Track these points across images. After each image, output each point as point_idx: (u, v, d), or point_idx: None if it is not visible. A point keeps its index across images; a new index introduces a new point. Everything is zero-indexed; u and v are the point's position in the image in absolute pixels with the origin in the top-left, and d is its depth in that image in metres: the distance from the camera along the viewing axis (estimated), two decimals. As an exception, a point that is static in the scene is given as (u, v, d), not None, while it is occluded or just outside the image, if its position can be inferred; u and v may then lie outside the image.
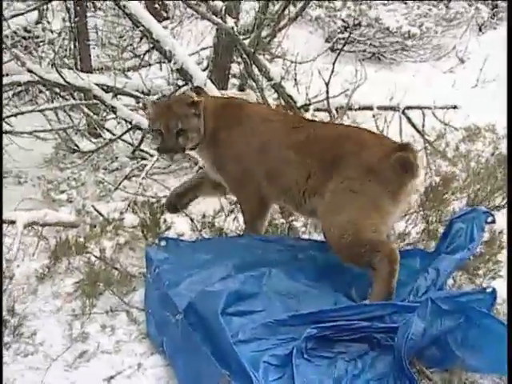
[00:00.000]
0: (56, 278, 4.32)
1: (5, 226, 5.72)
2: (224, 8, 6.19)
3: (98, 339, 3.62)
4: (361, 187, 3.84)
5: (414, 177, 3.87)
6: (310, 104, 6.75)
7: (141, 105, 5.06)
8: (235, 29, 6.22)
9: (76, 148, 7.67)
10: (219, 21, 6.17)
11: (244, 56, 6.49)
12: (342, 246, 3.83)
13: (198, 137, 4.28)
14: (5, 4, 10.09)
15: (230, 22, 6.20)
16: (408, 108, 7.12)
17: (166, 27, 7.81)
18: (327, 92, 5.96)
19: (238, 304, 3.59)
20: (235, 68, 8.91)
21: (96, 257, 4.29)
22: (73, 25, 8.82)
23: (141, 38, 9.56)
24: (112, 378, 3.35)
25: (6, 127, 7.46)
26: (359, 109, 7.24)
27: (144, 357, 3.49)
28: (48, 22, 9.54)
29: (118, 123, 7.13)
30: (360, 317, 3.48)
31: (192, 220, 5.02)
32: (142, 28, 6.40)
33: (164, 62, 8.76)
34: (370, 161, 3.89)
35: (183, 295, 3.69)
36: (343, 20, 11.05)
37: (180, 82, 7.24)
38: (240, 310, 3.56)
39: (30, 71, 6.82)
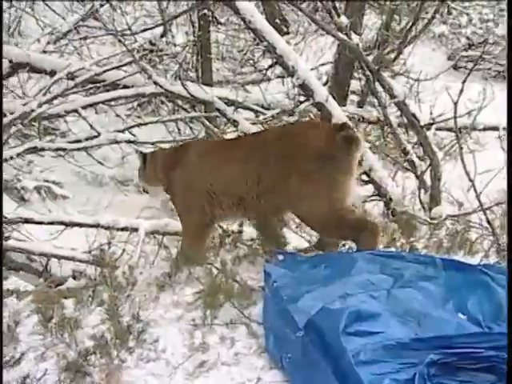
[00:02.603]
0: (176, 286, 4.39)
1: (127, 233, 5.93)
2: (349, 24, 6.16)
3: (218, 350, 3.63)
4: (319, 173, 4.33)
5: (358, 148, 4.38)
6: (433, 123, 6.61)
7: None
8: (360, 45, 6.18)
9: (195, 159, 7.82)
10: (344, 37, 6.14)
11: (367, 73, 6.43)
12: (327, 227, 4.46)
13: (144, 183, 5.26)
14: (132, 19, 10.52)
15: (355, 38, 6.17)
16: (537, 130, 6.83)
17: (288, 42, 7.85)
18: (455, 112, 5.81)
19: (359, 324, 3.51)
20: (355, 84, 8.88)
21: (217, 268, 4.33)
22: (196, 39, 9.05)
23: (264, 53, 9.67)
24: (232, 390, 3.37)
25: (129, 137, 7.71)
26: (484, 129, 7.03)
27: (263, 371, 3.47)
28: (172, 36, 9.82)
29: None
30: (486, 345, 3.33)
31: (309, 242, 5.03)
32: (266, 43, 6.45)
33: (284, 77, 8.83)
34: (318, 147, 4.36)
35: (302, 311, 3.64)
36: (467, 37, 10.77)
37: (301, 98, 7.25)
38: (360, 330, 3.47)
39: (155, 83, 7.02)
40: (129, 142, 7.68)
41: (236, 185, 4.59)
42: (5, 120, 7.28)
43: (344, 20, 6.18)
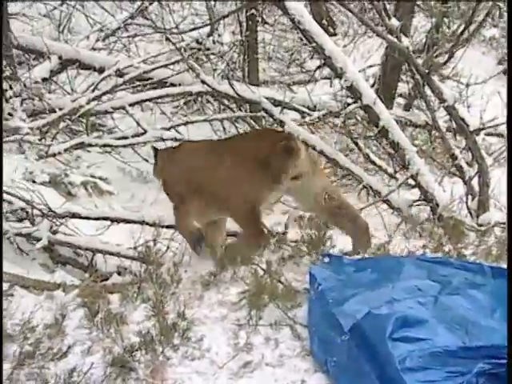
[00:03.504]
0: (221, 286, 4.40)
1: (172, 230, 5.95)
2: (399, 27, 6.10)
3: (262, 351, 3.63)
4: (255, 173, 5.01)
5: (297, 157, 5.02)
6: (483, 128, 6.52)
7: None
8: (410, 48, 6.11)
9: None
10: (394, 40, 6.08)
11: (416, 76, 6.35)
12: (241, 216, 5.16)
13: (157, 178, 5.88)
14: (180, 18, 10.58)
15: (405, 41, 6.10)
16: None
17: (335, 43, 7.80)
18: (508, 117, 5.71)
19: (406, 330, 3.47)
20: (402, 87, 8.79)
21: (262, 269, 4.32)
22: (244, 38, 9.05)
23: (311, 54, 9.63)
24: (275, 391, 3.36)
25: (175, 135, 7.74)
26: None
27: (308, 374, 3.46)
28: (219, 35, 9.83)
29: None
30: (537, 356, 3.27)
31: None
32: (314, 44, 6.41)
33: (331, 78, 8.78)
34: (263, 154, 5.03)
35: (348, 315, 3.61)
36: (519, 41, 10.56)
37: (348, 100, 7.19)
38: (407, 336, 3.43)
39: (203, 82, 7.03)
40: (175, 139, 7.70)
41: (206, 186, 5.18)
42: (54, 115, 7.40)
43: (395, 22, 6.11)
